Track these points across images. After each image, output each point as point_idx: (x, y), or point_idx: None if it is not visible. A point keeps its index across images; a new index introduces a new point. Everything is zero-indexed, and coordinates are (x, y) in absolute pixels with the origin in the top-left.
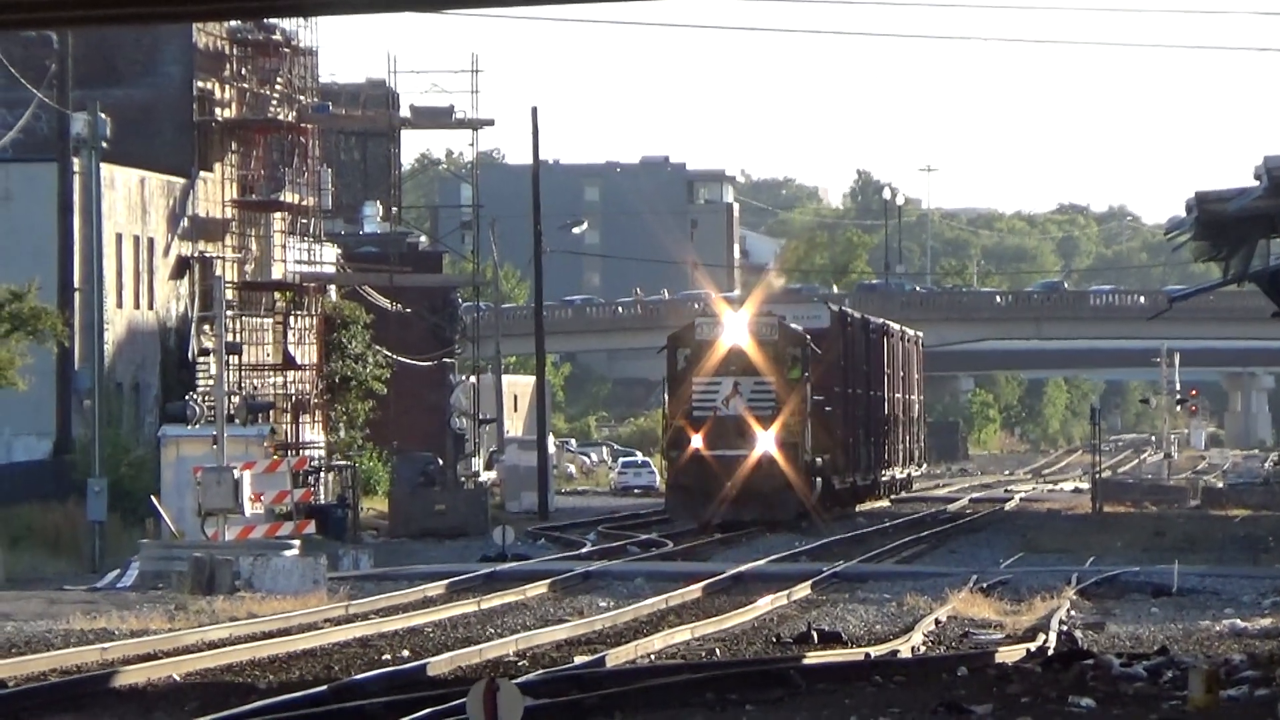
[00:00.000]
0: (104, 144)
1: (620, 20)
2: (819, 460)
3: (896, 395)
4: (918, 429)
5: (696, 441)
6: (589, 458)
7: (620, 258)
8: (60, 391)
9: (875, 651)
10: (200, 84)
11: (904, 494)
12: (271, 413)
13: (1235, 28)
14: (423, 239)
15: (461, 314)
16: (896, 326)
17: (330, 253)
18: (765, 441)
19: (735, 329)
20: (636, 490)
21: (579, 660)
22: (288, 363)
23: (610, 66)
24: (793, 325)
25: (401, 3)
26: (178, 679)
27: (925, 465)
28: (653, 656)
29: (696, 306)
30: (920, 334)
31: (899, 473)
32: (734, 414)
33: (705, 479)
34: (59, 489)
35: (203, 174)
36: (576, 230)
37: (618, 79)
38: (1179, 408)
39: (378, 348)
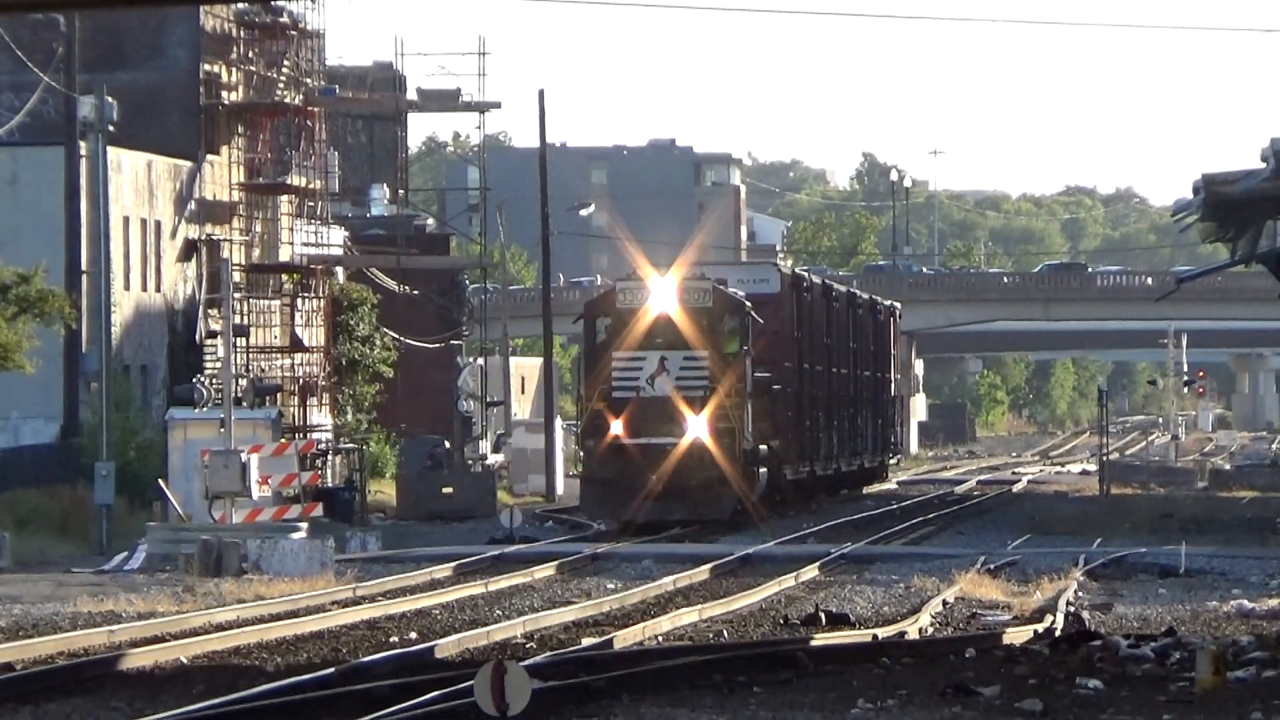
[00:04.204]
0: (111, 127)
1: (627, 2)
2: (763, 448)
3: (865, 373)
4: (893, 411)
5: (616, 427)
6: None
7: (628, 240)
8: (68, 374)
9: (883, 633)
10: (207, 67)
11: (876, 486)
12: (279, 395)
13: (1242, 8)
14: (430, 221)
15: (469, 296)
16: (866, 295)
17: (337, 235)
18: (696, 427)
19: (662, 295)
20: None
21: (587, 642)
22: (295, 345)
23: (617, 49)
24: (732, 291)
25: None
26: (185, 661)
27: (900, 454)
28: (660, 638)
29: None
30: (898, 305)
31: (869, 461)
32: (660, 395)
33: (626, 471)
34: (66, 472)
35: (210, 157)
36: (584, 212)
37: (625, 62)
38: (1186, 389)
39: (385, 330)
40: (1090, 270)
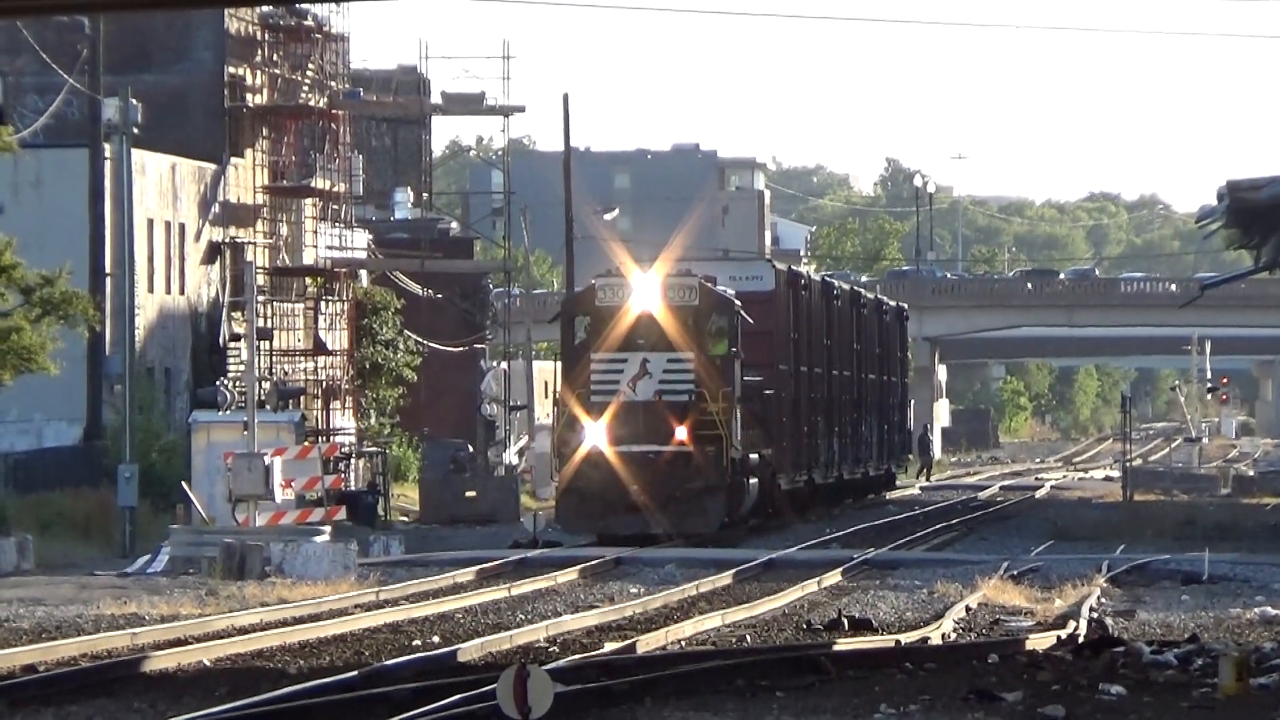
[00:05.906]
0: (135, 129)
1: (651, 7)
2: (754, 457)
3: (870, 376)
4: (899, 417)
5: (594, 434)
6: None
7: (652, 244)
8: (91, 377)
9: (906, 638)
10: (232, 70)
11: (884, 494)
12: (302, 398)
13: (1268, 14)
14: (454, 225)
15: (492, 300)
16: (872, 295)
17: (361, 238)
18: (681, 434)
19: (645, 292)
20: None
21: (609, 646)
22: (319, 348)
23: (642, 53)
24: (720, 288)
25: None
26: (208, 664)
27: (907, 462)
28: (683, 643)
29: None
30: (904, 305)
31: (874, 469)
32: (642, 400)
33: (605, 482)
34: (90, 474)
35: (234, 160)
36: (608, 217)
37: (649, 66)
38: (1210, 396)
39: (408, 334)
40: (1060, 275)
